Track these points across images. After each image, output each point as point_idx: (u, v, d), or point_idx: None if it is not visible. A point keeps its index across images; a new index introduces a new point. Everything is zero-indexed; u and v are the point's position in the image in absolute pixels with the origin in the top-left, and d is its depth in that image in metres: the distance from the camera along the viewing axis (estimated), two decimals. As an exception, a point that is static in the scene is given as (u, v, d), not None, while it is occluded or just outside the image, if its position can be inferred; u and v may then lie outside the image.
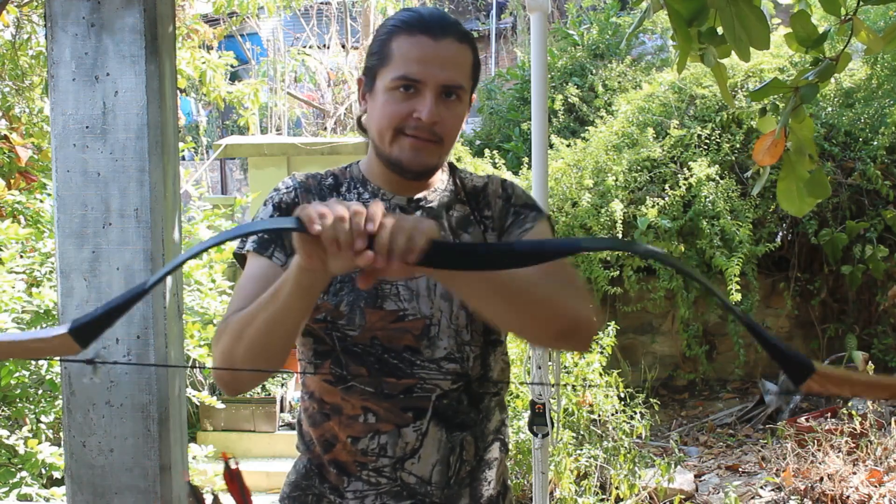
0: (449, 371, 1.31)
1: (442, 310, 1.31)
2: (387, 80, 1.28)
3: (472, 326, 1.33)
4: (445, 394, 1.31)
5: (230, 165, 10.06)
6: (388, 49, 1.29)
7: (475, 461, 1.37)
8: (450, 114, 1.29)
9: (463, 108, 1.33)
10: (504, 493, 1.44)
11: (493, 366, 1.38)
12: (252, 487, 1.18)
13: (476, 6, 11.97)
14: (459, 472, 1.35)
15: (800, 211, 2.01)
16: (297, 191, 1.37)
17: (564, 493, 3.69)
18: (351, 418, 1.32)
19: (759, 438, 4.94)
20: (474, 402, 1.35)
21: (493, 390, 1.38)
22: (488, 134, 7.22)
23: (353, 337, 1.30)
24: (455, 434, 1.33)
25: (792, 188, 1.97)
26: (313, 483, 1.38)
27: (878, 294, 5.55)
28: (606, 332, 4.16)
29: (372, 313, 1.29)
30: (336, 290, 1.31)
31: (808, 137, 1.95)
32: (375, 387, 1.30)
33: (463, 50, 1.31)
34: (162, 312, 1.82)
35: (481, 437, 1.37)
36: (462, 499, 1.36)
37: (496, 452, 1.40)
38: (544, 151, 2.85)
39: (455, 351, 1.31)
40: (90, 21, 1.77)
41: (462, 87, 1.30)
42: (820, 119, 5.65)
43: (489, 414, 1.38)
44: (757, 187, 2.15)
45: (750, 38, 1.75)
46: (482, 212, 1.39)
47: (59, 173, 1.80)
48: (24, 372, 3.15)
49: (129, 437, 1.81)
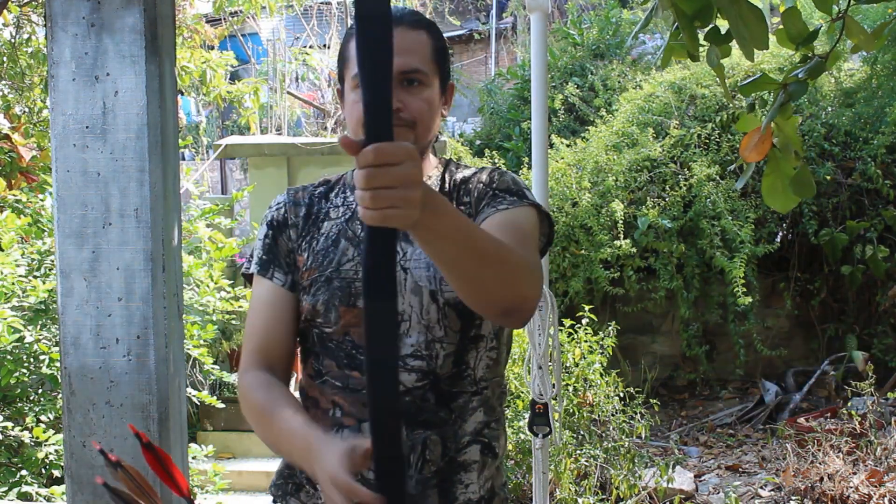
0: (414, 368, 1.31)
1: (412, 305, 1.31)
2: (348, 81, 1.34)
3: (445, 322, 1.32)
4: (408, 391, 1.31)
5: (230, 165, 10.06)
6: (347, 51, 1.34)
7: (443, 462, 1.33)
8: (414, 98, 1.31)
9: (430, 91, 1.34)
10: (490, 498, 1.38)
11: (474, 363, 1.35)
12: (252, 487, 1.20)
13: (476, 6, 11.97)
14: (423, 471, 1.31)
15: (784, 207, 2.01)
16: (286, 206, 1.43)
17: (564, 493, 3.69)
18: (323, 412, 1.36)
19: (759, 438, 4.94)
20: (443, 400, 1.32)
21: (470, 389, 1.35)
22: (488, 133, 7.22)
23: (328, 333, 1.35)
24: (417, 432, 1.31)
25: (777, 185, 1.97)
26: (294, 473, 1.41)
27: (878, 294, 5.55)
28: (607, 331, 4.16)
29: (346, 311, 1.33)
30: (314, 291, 1.35)
31: (794, 135, 1.95)
32: (343, 382, 1.34)
33: (417, 35, 1.33)
34: (162, 312, 1.82)
35: (452, 437, 1.33)
36: (429, 499, 1.32)
37: (475, 455, 1.35)
38: (544, 151, 2.85)
39: (423, 348, 1.31)
40: (90, 21, 1.77)
41: (420, 70, 1.32)
42: (820, 119, 5.66)
43: (464, 414, 1.34)
44: (740, 182, 2.15)
45: (750, 37, 1.75)
46: (461, 199, 1.39)
47: (59, 173, 1.80)
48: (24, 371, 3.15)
49: (129, 437, 1.81)
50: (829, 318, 5.80)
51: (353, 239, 1.36)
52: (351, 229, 1.37)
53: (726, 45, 1.94)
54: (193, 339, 3.58)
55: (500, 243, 1.17)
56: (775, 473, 4.25)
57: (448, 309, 1.31)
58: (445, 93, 1.40)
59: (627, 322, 5.48)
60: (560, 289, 5.25)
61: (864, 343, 5.52)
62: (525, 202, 1.34)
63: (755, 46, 1.76)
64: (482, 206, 1.35)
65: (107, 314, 1.80)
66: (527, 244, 1.27)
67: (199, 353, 3.52)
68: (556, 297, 2.84)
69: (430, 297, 1.31)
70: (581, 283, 5.20)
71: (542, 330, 2.76)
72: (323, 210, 1.41)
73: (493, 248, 1.13)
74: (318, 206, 1.42)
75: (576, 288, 5.21)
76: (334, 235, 1.37)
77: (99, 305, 1.80)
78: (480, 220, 1.32)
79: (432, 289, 1.31)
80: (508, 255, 1.16)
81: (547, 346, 2.77)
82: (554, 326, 2.78)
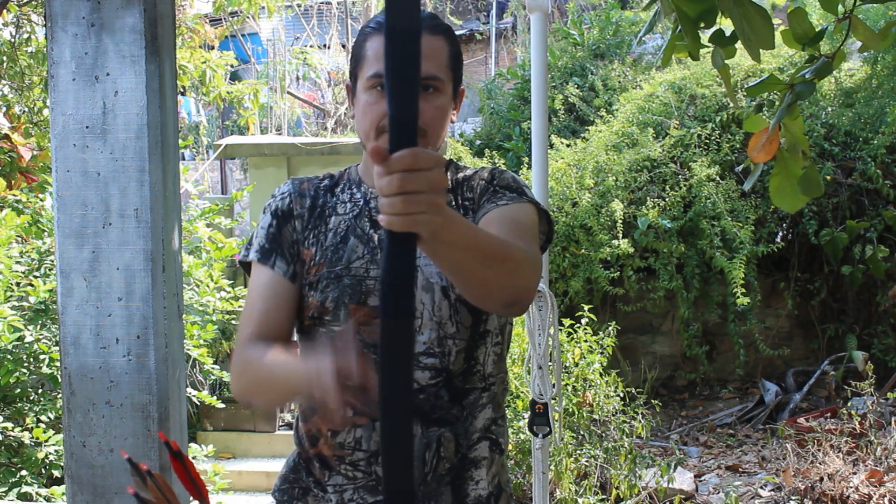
0: (427, 366, 1.31)
1: (424, 303, 1.31)
2: (363, 81, 1.33)
3: (456, 318, 1.32)
4: (423, 389, 1.31)
5: (230, 165, 10.05)
6: (363, 51, 1.34)
7: (456, 459, 1.34)
8: (428, 105, 1.31)
9: (444, 99, 1.34)
10: (497, 494, 1.39)
11: (483, 359, 1.36)
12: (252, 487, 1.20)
13: (476, 6, 11.97)
14: (437, 468, 1.32)
15: (792, 207, 2.01)
16: (292, 196, 1.42)
17: (564, 493, 3.69)
18: (332, 412, 1.34)
19: (759, 438, 4.94)
20: (456, 397, 1.34)
21: (480, 385, 1.36)
22: (489, 134, 7.22)
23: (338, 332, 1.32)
24: (432, 430, 1.31)
25: (785, 185, 1.97)
26: (300, 477, 1.40)
27: (878, 294, 5.55)
28: (606, 331, 4.16)
29: (356, 309, 1.32)
30: (322, 288, 1.34)
31: (801, 135, 1.95)
32: None
33: (436, 42, 1.33)
34: (162, 312, 1.82)
35: (464, 434, 1.34)
36: (443, 496, 1.34)
37: (485, 451, 1.37)
38: (544, 151, 2.85)
39: (435, 345, 1.31)
40: (90, 21, 1.77)
41: (437, 77, 1.32)
42: (820, 119, 5.66)
43: (475, 410, 1.36)
44: (748, 183, 2.15)
45: (756, 38, 1.75)
46: (464, 195, 1.40)
47: (59, 173, 1.80)
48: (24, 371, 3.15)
49: (129, 437, 1.81)
50: (829, 318, 5.80)
51: (363, 237, 1.36)
52: (360, 226, 1.37)
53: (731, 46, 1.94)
54: (193, 339, 3.58)
55: (502, 241, 1.17)
56: (775, 473, 4.25)
57: (459, 305, 1.32)
58: (456, 97, 1.40)
59: (627, 322, 5.48)
60: (560, 289, 5.25)
61: (864, 343, 5.51)
62: (524, 199, 1.35)
63: (761, 47, 1.76)
64: (483, 202, 1.36)
65: (107, 314, 1.80)
66: (525, 237, 1.28)
67: (199, 353, 3.52)
68: (556, 297, 2.84)
69: (441, 293, 1.31)
70: (581, 282, 5.20)
71: (542, 330, 2.76)
72: (329, 204, 1.40)
73: (496, 248, 1.14)
74: (324, 200, 1.41)
75: (576, 288, 5.21)
76: (343, 232, 1.37)
77: (99, 305, 1.80)
78: (481, 215, 1.33)
79: (444, 285, 1.32)
80: (510, 251, 1.17)
81: (547, 346, 2.77)
82: (554, 326, 2.78)
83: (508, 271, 1.16)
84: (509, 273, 1.16)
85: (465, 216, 1.37)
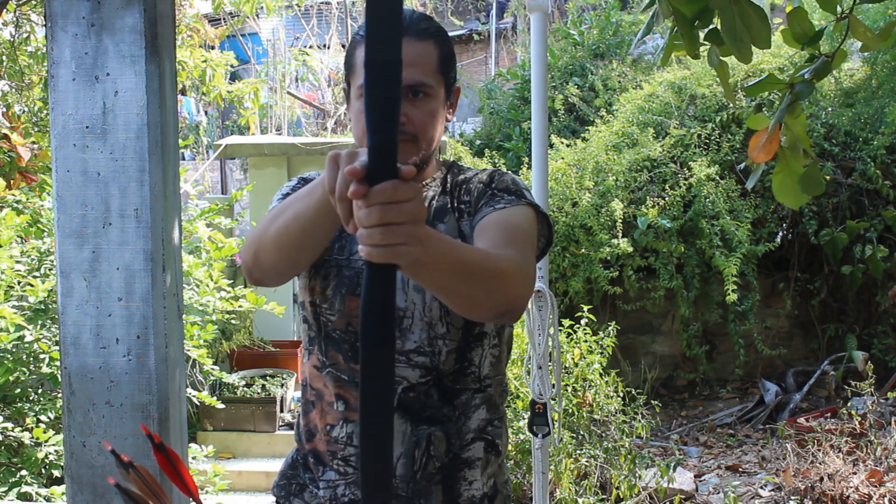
0: (417, 364, 1.32)
1: (415, 302, 1.32)
2: (355, 89, 1.35)
3: (448, 319, 1.32)
4: (412, 387, 1.32)
5: (230, 165, 10.05)
6: (354, 59, 1.35)
7: (448, 458, 1.34)
8: (418, 111, 1.32)
9: (435, 102, 1.34)
10: (493, 496, 1.39)
11: (479, 361, 1.36)
12: (252, 487, 1.20)
13: (476, 6, 11.97)
14: (427, 467, 1.33)
15: (796, 203, 2.01)
16: (303, 184, 1.44)
17: (564, 493, 3.69)
18: (328, 405, 1.37)
19: (759, 438, 4.94)
20: (446, 397, 1.34)
21: (473, 386, 1.36)
22: (488, 134, 7.22)
23: (332, 322, 1.35)
24: (421, 428, 1.32)
25: (787, 183, 1.97)
26: (298, 473, 1.42)
27: (878, 294, 5.55)
28: (606, 331, 4.16)
29: (351, 300, 1.34)
30: (325, 274, 1.36)
31: (803, 133, 1.95)
32: (348, 374, 1.34)
33: (424, 47, 1.33)
34: (162, 312, 1.82)
35: (456, 434, 1.34)
36: (433, 495, 1.34)
37: (479, 452, 1.37)
38: (544, 151, 2.85)
39: (426, 344, 1.32)
40: (90, 21, 1.77)
41: (426, 83, 1.32)
42: (820, 119, 5.66)
43: (467, 411, 1.36)
44: (750, 182, 2.15)
45: (752, 37, 1.75)
46: (461, 198, 1.39)
47: (59, 173, 1.80)
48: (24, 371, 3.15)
49: (129, 437, 1.81)
50: (829, 318, 5.80)
51: None
52: None
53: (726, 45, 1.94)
54: (193, 339, 3.58)
55: (488, 255, 1.17)
56: (775, 473, 4.25)
57: None
58: (450, 97, 1.40)
59: (627, 322, 5.48)
60: (560, 289, 5.25)
61: (864, 343, 5.52)
62: (523, 202, 1.35)
63: (758, 46, 1.76)
64: (480, 205, 1.36)
65: (107, 314, 1.80)
66: (520, 242, 1.27)
67: (199, 353, 3.52)
68: (556, 297, 2.84)
69: (431, 294, 1.31)
70: (581, 282, 5.21)
71: (541, 330, 2.76)
72: None
73: (481, 264, 1.13)
74: None
75: (576, 288, 5.21)
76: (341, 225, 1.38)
77: (99, 305, 1.80)
78: (478, 219, 1.33)
79: None
80: (497, 264, 1.16)
81: (547, 346, 2.77)
82: (554, 326, 2.78)
83: (496, 285, 1.15)
84: (497, 287, 1.16)
85: (461, 219, 1.37)
